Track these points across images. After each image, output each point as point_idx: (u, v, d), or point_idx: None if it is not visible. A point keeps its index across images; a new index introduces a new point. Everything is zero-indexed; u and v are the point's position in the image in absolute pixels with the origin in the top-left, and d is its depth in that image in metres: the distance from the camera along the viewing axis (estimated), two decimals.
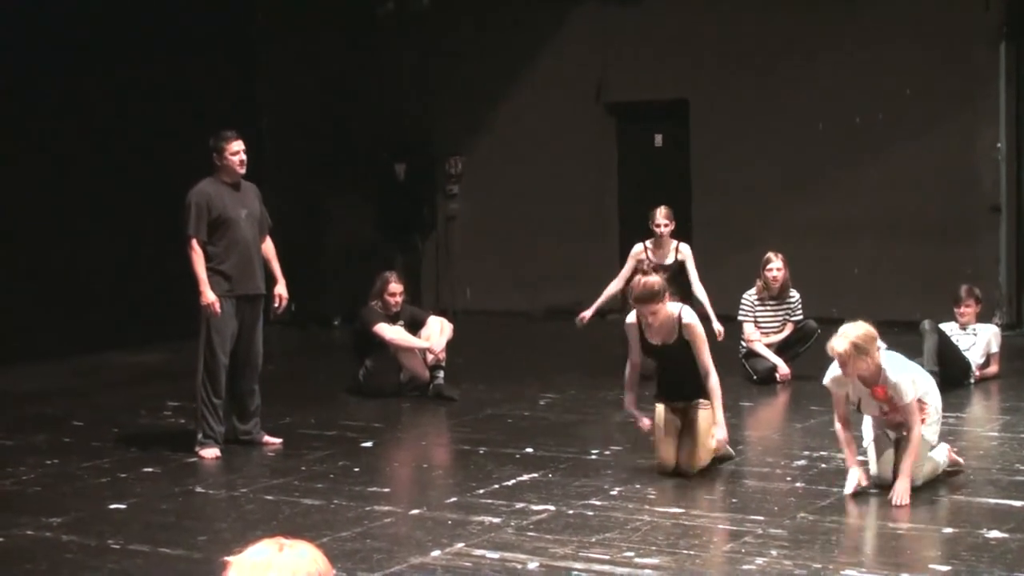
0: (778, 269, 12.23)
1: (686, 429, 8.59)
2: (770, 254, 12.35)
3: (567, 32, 17.23)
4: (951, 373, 11.39)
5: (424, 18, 17.88)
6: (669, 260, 12.34)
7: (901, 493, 7.57)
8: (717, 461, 8.80)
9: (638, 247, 12.49)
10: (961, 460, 8.48)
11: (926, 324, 11.56)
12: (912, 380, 7.81)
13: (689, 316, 8.54)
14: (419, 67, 17.90)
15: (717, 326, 11.80)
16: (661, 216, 12.47)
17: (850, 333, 7.60)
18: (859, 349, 7.56)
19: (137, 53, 15.17)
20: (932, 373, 11.05)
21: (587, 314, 11.70)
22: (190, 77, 15.62)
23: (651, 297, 8.33)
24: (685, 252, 12.42)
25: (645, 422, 8.71)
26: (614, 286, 12.15)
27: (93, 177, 14.79)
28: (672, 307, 8.48)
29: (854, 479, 7.82)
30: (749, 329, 12.28)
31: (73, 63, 14.58)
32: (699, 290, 12.24)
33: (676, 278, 11.94)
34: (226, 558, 2.94)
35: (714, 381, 8.42)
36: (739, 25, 16.16)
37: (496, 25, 17.58)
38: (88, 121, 14.74)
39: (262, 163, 12.07)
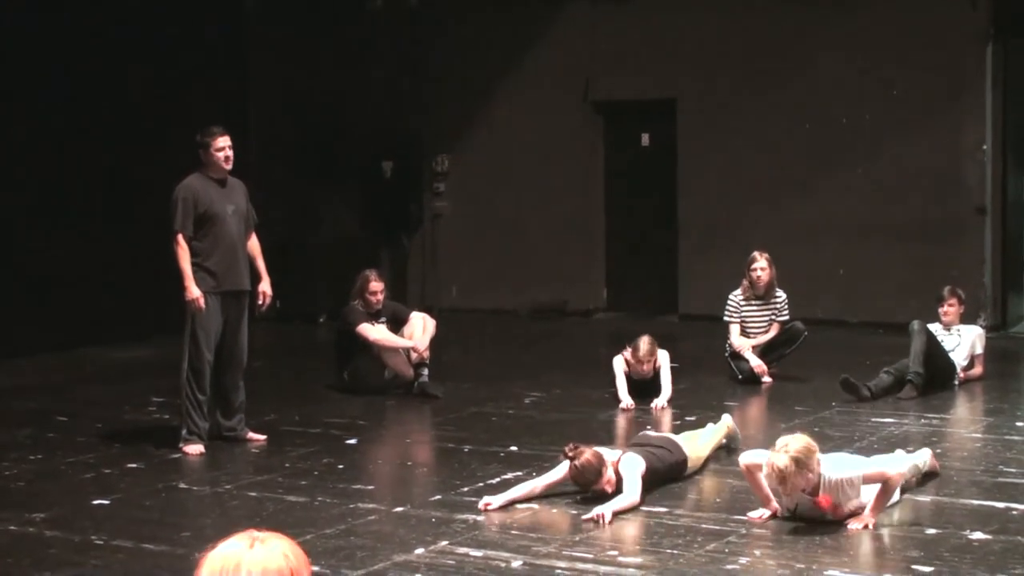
0: (762, 269, 12.21)
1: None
2: (755, 253, 12.34)
3: (555, 30, 17.24)
4: (936, 375, 11.41)
5: (412, 16, 17.87)
6: (651, 374, 11.30)
7: (860, 524, 7.13)
8: (724, 448, 8.94)
9: (618, 361, 11.28)
10: (937, 465, 8.50)
11: (915, 324, 11.56)
12: (854, 477, 7.26)
13: (625, 469, 7.92)
14: (406, 65, 17.89)
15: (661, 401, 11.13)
16: (644, 348, 11.17)
17: (791, 447, 7.04)
18: (800, 464, 7.03)
19: (127, 49, 15.15)
20: (916, 375, 11.11)
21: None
22: (179, 73, 15.60)
23: (595, 477, 7.85)
24: (662, 360, 11.30)
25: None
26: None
27: (78, 173, 14.76)
28: (611, 457, 8.02)
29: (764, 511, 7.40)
30: (735, 333, 12.25)
31: (64, 61, 14.56)
32: (666, 387, 11.18)
33: (655, 383, 11.35)
34: (199, 553, 2.93)
35: (629, 497, 7.76)
36: (727, 25, 16.16)
37: (484, 23, 17.58)
38: (75, 118, 14.70)
39: (249, 160, 12.04)
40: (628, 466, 7.93)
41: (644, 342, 11.24)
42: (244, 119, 15.61)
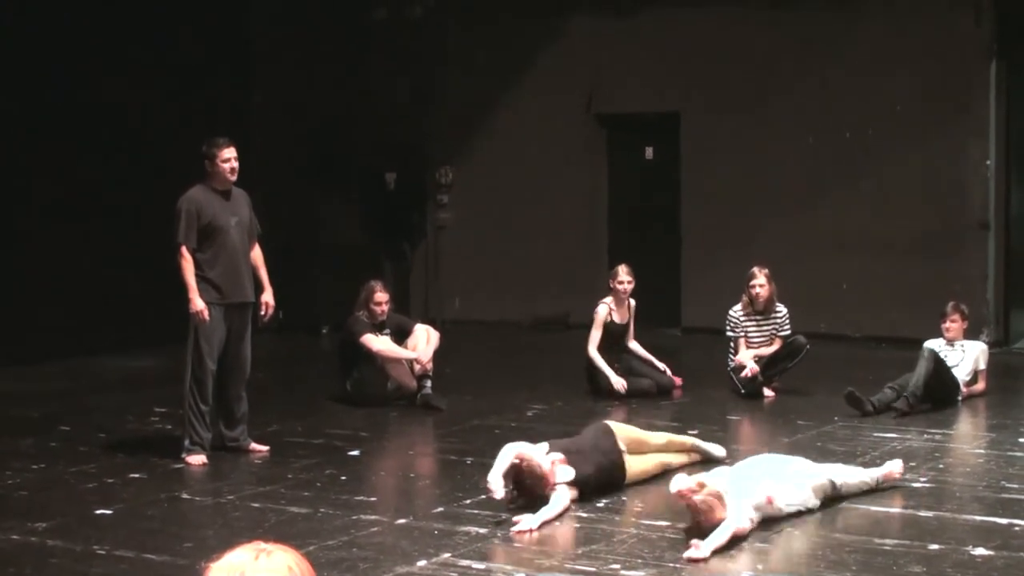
0: (761, 285, 12.20)
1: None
2: (754, 269, 12.34)
3: (559, 43, 17.25)
4: (939, 395, 11.37)
5: (417, 27, 17.90)
6: (626, 319, 12.44)
7: (698, 551, 6.94)
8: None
9: (603, 309, 12.29)
10: (896, 473, 8.49)
11: (926, 351, 11.51)
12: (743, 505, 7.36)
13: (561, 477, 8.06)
14: (411, 76, 17.90)
15: (662, 367, 12.29)
16: (624, 273, 12.36)
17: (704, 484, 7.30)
18: (707, 500, 7.27)
19: (131, 58, 15.17)
20: (913, 396, 11.04)
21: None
22: (184, 82, 15.62)
23: (540, 480, 7.95)
24: (633, 307, 12.50)
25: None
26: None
27: (83, 181, 14.77)
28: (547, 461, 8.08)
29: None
30: (738, 346, 12.25)
31: (68, 68, 14.58)
32: (635, 344, 12.49)
33: (624, 336, 12.40)
34: (204, 564, 2.95)
35: (555, 508, 7.88)
36: (731, 39, 16.18)
37: (488, 35, 17.59)
38: (81, 126, 14.71)
39: (253, 170, 12.04)
40: (559, 476, 8.02)
41: (621, 267, 12.37)
42: (247, 129, 15.61)
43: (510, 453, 8.00)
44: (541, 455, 8.08)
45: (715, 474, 7.69)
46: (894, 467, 8.59)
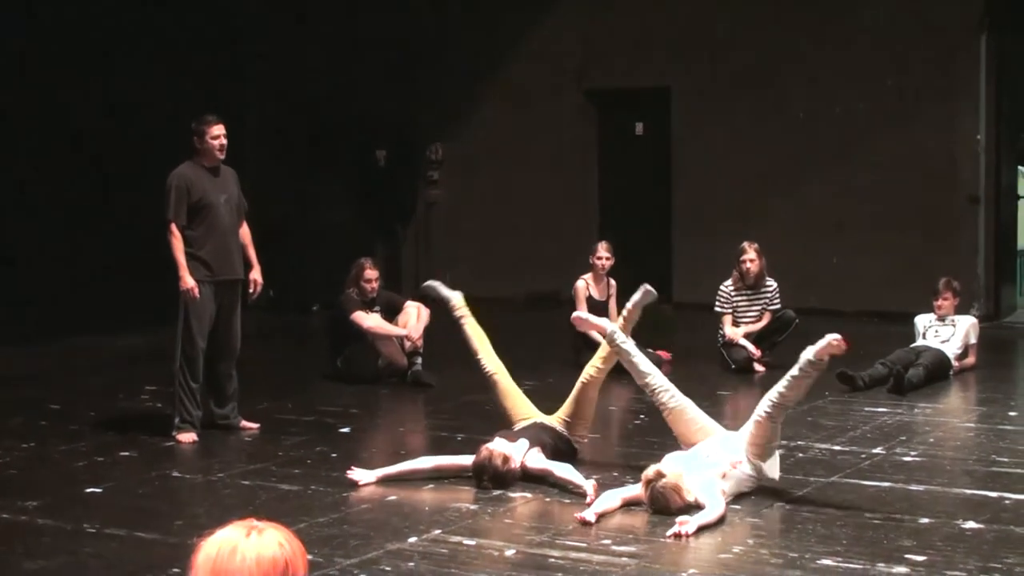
0: (751, 260, 12.23)
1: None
2: (744, 244, 12.37)
3: (549, 18, 17.22)
4: (936, 375, 11.37)
5: (406, 3, 17.85)
6: (605, 296, 12.66)
7: (685, 527, 6.89)
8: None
9: (581, 284, 12.61)
10: (835, 342, 8.39)
11: (919, 345, 11.61)
12: (711, 483, 7.41)
13: (532, 462, 8.16)
14: (401, 53, 17.86)
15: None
16: (603, 250, 12.61)
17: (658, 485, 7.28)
18: (669, 490, 7.26)
19: (123, 39, 15.13)
20: (909, 383, 11.00)
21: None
22: (174, 61, 15.58)
23: (506, 476, 7.98)
24: (613, 287, 12.67)
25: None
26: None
27: (73, 162, 14.75)
28: (518, 450, 8.16)
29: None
30: (727, 323, 12.27)
31: (62, 49, 14.54)
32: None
33: (602, 312, 12.33)
34: (196, 539, 2.96)
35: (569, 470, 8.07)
36: (722, 14, 16.16)
37: (478, 11, 17.56)
38: (70, 105, 14.67)
39: (243, 147, 12.03)
40: (535, 461, 8.13)
41: (601, 244, 12.69)
42: (238, 106, 15.58)
43: (424, 463, 8.25)
44: (520, 452, 8.12)
45: (671, 461, 7.56)
46: (831, 337, 8.11)
